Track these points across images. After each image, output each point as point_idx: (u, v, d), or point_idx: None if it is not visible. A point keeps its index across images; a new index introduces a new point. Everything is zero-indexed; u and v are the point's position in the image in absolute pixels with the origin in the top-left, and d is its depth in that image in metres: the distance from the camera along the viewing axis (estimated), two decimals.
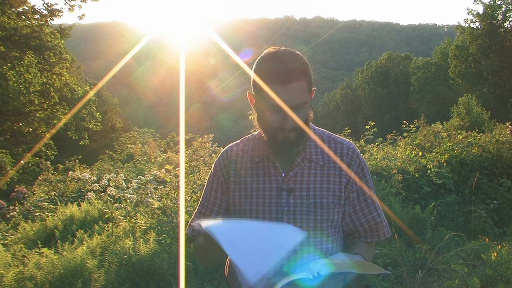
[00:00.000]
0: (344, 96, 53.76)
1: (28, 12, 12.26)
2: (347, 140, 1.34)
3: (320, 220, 1.23)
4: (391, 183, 4.92)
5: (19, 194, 6.74)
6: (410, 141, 7.00)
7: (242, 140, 1.38)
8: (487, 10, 28.59)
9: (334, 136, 1.35)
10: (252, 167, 1.29)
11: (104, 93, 33.08)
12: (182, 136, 6.48)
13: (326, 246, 1.25)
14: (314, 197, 1.23)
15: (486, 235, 4.48)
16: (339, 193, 1.25)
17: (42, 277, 3.22)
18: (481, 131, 8.83)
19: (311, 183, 1.24)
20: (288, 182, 1.24)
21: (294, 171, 1.25)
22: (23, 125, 14.53)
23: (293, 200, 1.23)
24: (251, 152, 1.32)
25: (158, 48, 59.56)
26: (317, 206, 1.23)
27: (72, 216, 5.02)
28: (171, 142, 17.37)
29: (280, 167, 1.26)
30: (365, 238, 1.33)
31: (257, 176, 1.28)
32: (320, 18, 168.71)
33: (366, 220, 1.31)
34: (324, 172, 1.26)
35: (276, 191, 1.24)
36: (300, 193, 1.23)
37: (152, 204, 4.43)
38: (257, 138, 1.35)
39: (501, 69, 27.77)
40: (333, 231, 1.28)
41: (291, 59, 1.16)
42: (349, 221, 1.31)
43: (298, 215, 1.22)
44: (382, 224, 1.33)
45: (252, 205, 1.26)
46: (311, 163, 1.26)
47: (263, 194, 1.25)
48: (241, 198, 1.28)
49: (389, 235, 1.35)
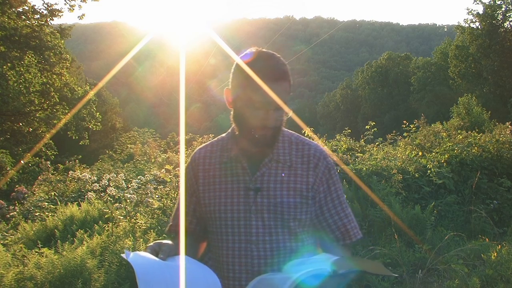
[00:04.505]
0: (344, 96, 53.78)
1: (28, 12, 12.27)
2: (315, 142, 1.37)
3: (287, 219, 1.25)
4: (391, 183, 4.92)
5: (19, 194, 6.74)
6: (410, 141, 7.00)
7: (211, 142, 1.41)
8: (487, 10, 28.61)
9: (303, 138, 1.37)
10: (220, 167, 1.31)
11: (104, 93, 33.09)
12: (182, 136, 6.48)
13: (295, 245, 1.27)
14: (281, 196, 1.25)
15: (486, 235, 4.48)
16: (306, 193, 1.27)
17: (42, 277, 3.22)
18: (481, 131, 8.83)
19: (278, 183, 1.26)
20: (255, 181, 1.26)
21: (262, 171, 1.27)
22: (23, 125, 14.53)
23: (260, 199, 1.24)
24: (220, 153, 1.34)
25: (158, 48, 59.58)
26: (284, 206, 1.24)
27: (72, 216, 5.02)
28: (171, 142, 17.40)
29: (248, 167, 1.27)
30: (337, 241, 1.33)
31: (225, 177, 1.30)
32: (320, 18, 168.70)
33: (334, 220, 1.33)
34: (291, 172, 1.28)
35: (243, 191, 1.26)
36: (267, 192, 1.25)
37: (152, 204, 4.44)
38: (226, 138, 1.37)
39: (501, 69, 27.78)
40: (301, 230, 1.29)
41: (279, 59, 1.21)
42: (317, 222, 1.33)
43: (266, 214, 1.24)
44: (351, 225, 1.34)
45: (221, 205, 1.27)
46: (278, 164, 1.28)
47: (231, 194, 1.27)
48: (210, 199, 1.30)
49: (359, 236, 1.36)
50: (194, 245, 1.37)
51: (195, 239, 1.39)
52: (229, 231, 1.26)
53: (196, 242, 1.39)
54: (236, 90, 1.24)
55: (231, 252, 1.25)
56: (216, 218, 1.28)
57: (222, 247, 1.27)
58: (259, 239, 1.23)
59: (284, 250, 1.25)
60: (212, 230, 1.31)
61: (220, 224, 1.27)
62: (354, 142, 7.03)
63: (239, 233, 1.25)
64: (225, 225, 1.27)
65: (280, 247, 1.24)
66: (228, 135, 1.38)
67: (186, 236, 1.36)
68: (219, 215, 1.27)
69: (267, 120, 1.18)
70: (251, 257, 1.23)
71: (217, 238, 1.29)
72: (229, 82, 1.28)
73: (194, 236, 1.39)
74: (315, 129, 7.73)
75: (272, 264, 1.22)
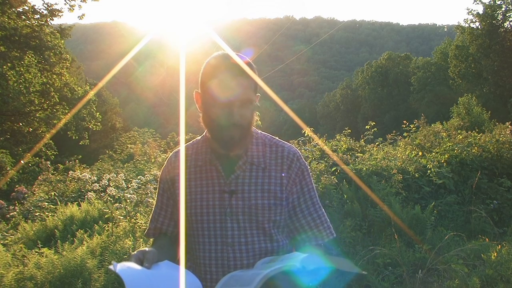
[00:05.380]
0: (344, 96, 53.77)
1: (28, 12, 12.26)
2: (288, 144, 1.39)
3: (262, 221, 1.26)
4: (391, 183, 4.92)
5: (19, 194, 6.74)
6: (410, 141, 6.99)
7: (186, 145, 1.42)
8: (487, 10, 28.60)
9: (276, 140, 1.38)
10: (195, 171, 1.32)
11: (104, 93, 33.07)
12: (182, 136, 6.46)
13: (270, 246, 1.28)
14: (255, 198, 1.26)
15: (486, 235, 4.48)
16: (280, 194, 1.29)
17: (42, 277, 3.22)
18: (481, 131, 8.82)
19: (252, 185, 1.27)
20: (230, 184, 1.27)
21: (236, 173, 1.28)
22: (23, 125, 14.53)
23: (235, 202, 1.26)
24: (195, 156, 1.35)
25: (158, 48, 59.55)
26: (259, 207, 1.26)
27: (72, 216, 5.01)
28: (171, 142, 17.39)
29: (222, 170, 1.29)
30: (310, 241, 1.34)
31: (200, 180, 1.31)
32: (320, 18, 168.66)
33: (306, 221, 1.34)
34: (265, 174, 1.29)
35: (219, 194, 1.27)
36: (242, 195, 1.26)
37: (152, 204, 4.43)
38: (200, 142, 1.38)
39: (501, 69, 27.78)
40: (276, 231, 1.31)
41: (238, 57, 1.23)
42: (290, 222, 1.35)
43: (241, 216, 1.26)
44: (323, 225, 1.36)
45: (197, 208, 1.29)
46: (252, 166, 1.29)
47: (207, 197, 1.28)
48: (186, 202, 1.31)
49: (332, 236, 1.37)
50: (172, 248, 1.38)
51: (172, 242, 1.40)
52: (205, 234, 1.28)
53: (173, 245, 1.40)
54: (201, 91, 1.27)
55: (207, 254, 1.27)
56: (193, 221, 1.29)
57: (198, 249, 1.29)
58: (235, 241, 1.25)
59: (260, 252, 1.26)
60: (189, 233, 1.32)
61: (197, 227, 1.29)
62: (354, 142, 7.03)
63: (215, 235, 1.27)
64: (201, 227, 1.28)
65: (256, 248, 1.26)
66: (202, 138, 1.39)
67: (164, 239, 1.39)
68: (195, 218, 1.29)
69: (231, 117, 1.19)
70: (227, 258, 1.25)
71: (193, 240, 1.31)
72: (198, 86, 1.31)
73: (172, 239, 1.41)
74: (315, 129, 7.71)
75: (248, 265, 1.24)
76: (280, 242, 1.31)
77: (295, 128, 4.06)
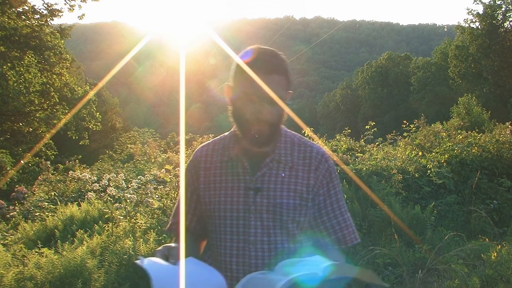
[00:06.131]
0: (344, 96, 53.77)
1: (28, 12, 12.26)
2: (317, 144, 1.36)
3: (286, 220, 1.24)
4: (391, 183, 4.92)
5: (19, 194, 6.74)
6: (410, 141, 7.00)
7: (213, 140, 1.41)
8: (487, 10, 28.61)
9: (305, 139, 1.36)
10: (221, 166, 1.31)
11: (104, 93, 33.07)
12: (182, 136, 6.47)
13: (293, 246, 1.26)
14: (280, 197, 1.24)
15: (486, 235, 4.48)
16: (306, 195, 1.26)
17: (42, 277, 3.22)
18: (481, 131, 8.83)
19: (278, 184, 1.25)
20: (255, 181, 1.25)
21: (262, 171, 1.26)
22: (23, 125, 14.53)
23: (260, 199, 1.24)
24: (221, 151, 1.33)
25: (158, 48, 59.54)
26: (283, 207, 1.24)
27: (72, 216, 5.02)
28: (171, 142, 17.41)
29: (249, 167, 1.27)
30: (333, 245, 1.32)
31: (225, 175, 1.29)
32: (320, 18, 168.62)
33: (331, 224, 1.32)
34: (292, 173, 1.27)
35: (243, 190, 1.25)
36: (267, 193, 1.24)
37: (152, 204, 4.44)
38: (228, 137, 1.37)
39: (501, 69, 27.78)
40: (299, 232, 1.29)
41: (274, 53, 1.21)
42: (314, 225, 1.32)
43: (265, 215, 1.24)
44: (348, 229, 1.33)
45: (221, 204, 1.27)
46: (279, 164, 1.27)
47: (231, 193, 1.27)
48: (210, 197, 1.30)
49: (356, 241, 1.35)
50: (194, 244, 1.38)
51: (195, 238, 1.39)
52: (228, 230, 1.26)
53: (197, 241, 1.40)
54: (233, 85, 1.25)
55: (229, 252, 1.26)
56: (215, 217, 1.28)
57: (220, 246, 1.28)
58: (257, 239, 1.23)
59: (282, 251, 1.24)
60: (211, 229, 1.31)
61: (219, 223, 1.28)
62: (354, 142, 7.03)
63: (238, 232, 1.25)
64: (224, 224, 1.27)
65: (278, 248, 1.24)
66: (230, 133, 1.37)
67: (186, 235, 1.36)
68: (218, 214, 1.27)
69: (261, 114, 1.18)
70: (249, 257, 1.23)
71: (216, 237, 1.29)
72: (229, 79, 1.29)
73: (194, 235, 1.39)
74: (315, 129, 7.72)
75: (269, 265, 1.22)
76: (302, 243, 1.29)
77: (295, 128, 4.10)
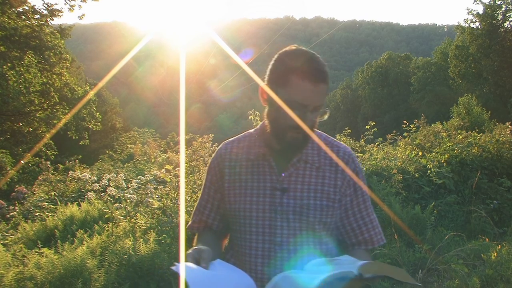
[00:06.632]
0: (344, 96, 53.76)
1: (28, 12, 12.25)
2: (343, 144, 1.34)
3: (313, 222, 1.23)
4: (391, 183, 4.92)
5: (19, 194, 6.74)
6: (410, 141, 7.00)
7: (237, 138, 1.38)
8: (487, 10, 28.59)
9: (331, 139, 1.34)
10: (247, 165, 1.29)
11: (104, 93, 33.06)
12: (182, 136, 6.47)
13: (319, 248, 1.25)
14: (307, 198, 1.23)
15: (486, 235, 4.48)
16: (333, 196, 1.25)
17: (42, 277, 3.22)
18: (481, 131, 8.83)
19: (305, 184, 1.24)
20: (282, 181, 1.24)
21: (290, 171, 1.24)
22: (23, 125, 14.52)
23: (286, 200, 1.22)
24: (247, 150, 1.31)
25: (158, 48, 59.49)
26: (310, 208, 1.22)
27: (72, 216, 5.02)
28: (171, 142, 17.38)
29: (276, 167, 1.25)
30: (359, 246, 1.32)
31: (251, 174, 1.27)
32: (320, 18, 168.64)
33: (358, 225, 1.30)
34: (319, 174, 1.25)
35: (270, 190, 1.24)
36: (294, 193, 1.23)
37: (152, 204, 4.43)
38: (254, 135, 1.34)
39: (501, 69, 27.77)
40: (326, 233, 1.28)
41: (321, 61, 1.18)
42: (341, 225, 1.31)
43: (291, 216, 1.22)
44: (375, 230, 1.32)
45: (246, 203, 1.25)
46: (306, 164, 1.26)
47: (257, 193, 1.25)
48: (236, 196, 1.27)
49: (382, 242, 1.34)
50: (217, 243, 1.36)
51: (217, 237, 1.38)
52: (253, 231, 1.24)
53: (219, 240, 1.39)
54: (274, 87, 1.19)
55: (254, 252, 1.24)
56: (241, 217, 1.26)
57: (245, 246, 1.26)
58: (283, 240, 1.21)
59: (308, 253, 1.23)
60: (235, 228, 1.29)
61: (244, 223, 1.25)
62: (354, 142, 7.03)
63: (263, 233, 1.23)
64: (249, 224, 1.25)
65: (304, 249, 1.23)
66: (257, 131, 1.34)
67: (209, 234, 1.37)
68: (243, 214, 1.25)
69: (302, 120, 1.15)
70: (274, 258, 1.21)
71: (240, 236, 1.27)
72: (266, 79, 1.23)
73: (217, 234, 1.39)
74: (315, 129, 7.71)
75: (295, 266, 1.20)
76: (328, 244, 1.28)
77: None
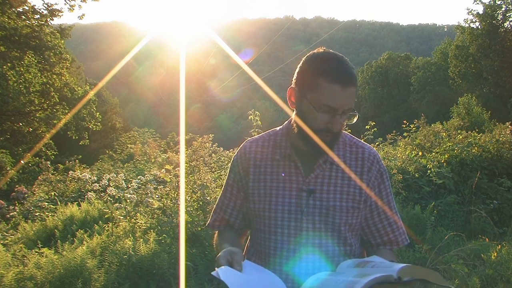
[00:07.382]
0: None
1: (28, 12, 12.26)
2: (368, 145, 1.34)
3: (339, 223, 1.22)
4: (391, 183, 4.92)
5: (19, 194, 6.74)
6: (410, 141, 7.00)
7: (261, 136, 1.37)
8: (487, 10, 28.59)
9: (356, 140, 1.33)
10: (272, 164, 1.28)
11: (104, 93, 33.06)
12: (182, 136, 6.47)
13: (343, 249, 1.25)
14: (334, 200, 1.22)
15: (486, 235, 4.48)
16: (359, 197, 1.25)
17: (42, 277, 3.22)
18: (481, 131, 8.83)
19: (331, 186, 1.23)
20: (309, 183, 1.23)
21: (316, 172, 1.24)
22: (23, 125, 14.53)
23: (312, 201, 1.22)
24: (272, 149, 1.30)
25: (158, 48, 59.53)
26: (336, 209, 1.22)
27: (72, 216, 5.02)
28: (171, 142, 17.41)
29: (302, 167, 1.24)
30: (384, 246, 1.32)
31: (277, 175, 1.26)
32: (320, 18, 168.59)
33: (383, 226, 1.31)
34: (345, 175, 1.25)
35: (296, 191, 1.23)
36: (320, 195, 1.22)
37: (152, 204, 4.43)
38: (279, 135, 1.33)
39: (501, 69, 27.76)
40: (351, 234, 1.27)
41: (349, 64, 1.18)
42: (365, 226, 1.31)
43: (317, 217, 1.22)
44: (399, 230, 1.32)
45: (272, 204, 1.24)
46: (332, 166, 1.25)
47: (283, 194, 1.24)
48: (260, 196, 1.27)
49: (407, 242, 1.34)
50: (239, 243, 1.36)
51: (238, 235, 1.39)
52: (278, 231, 1.23)
53: (239, 238, 1.39)
54: (303, 90, 1.19)
55: (279, 253, 1.23)
56: (266, 217, 1.25)
57: (269, 246, 1.25)
58: (309, 242, 1.21)
59: (333, 254, 1.23)
60: (259, 228, 1.28)
61: (269, 223, 1.25)
62: None
63: (289, 234, 1.22)
64: (275, 224, 1.24)
65: (329, 251, 1.22)
66: (282, 130, 1.33)
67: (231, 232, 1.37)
68: (268, 214, 1.25)
69: (332, 124, 1.15)
70: (299, 259, 1.21)
71: (264, 236, 1.26)
72: (293, 81, 1.23)
73: (238, 232, 1.39)
74: None
75: (320, 268, 1.20)
76: (353, 245, 1.28)
77: None
